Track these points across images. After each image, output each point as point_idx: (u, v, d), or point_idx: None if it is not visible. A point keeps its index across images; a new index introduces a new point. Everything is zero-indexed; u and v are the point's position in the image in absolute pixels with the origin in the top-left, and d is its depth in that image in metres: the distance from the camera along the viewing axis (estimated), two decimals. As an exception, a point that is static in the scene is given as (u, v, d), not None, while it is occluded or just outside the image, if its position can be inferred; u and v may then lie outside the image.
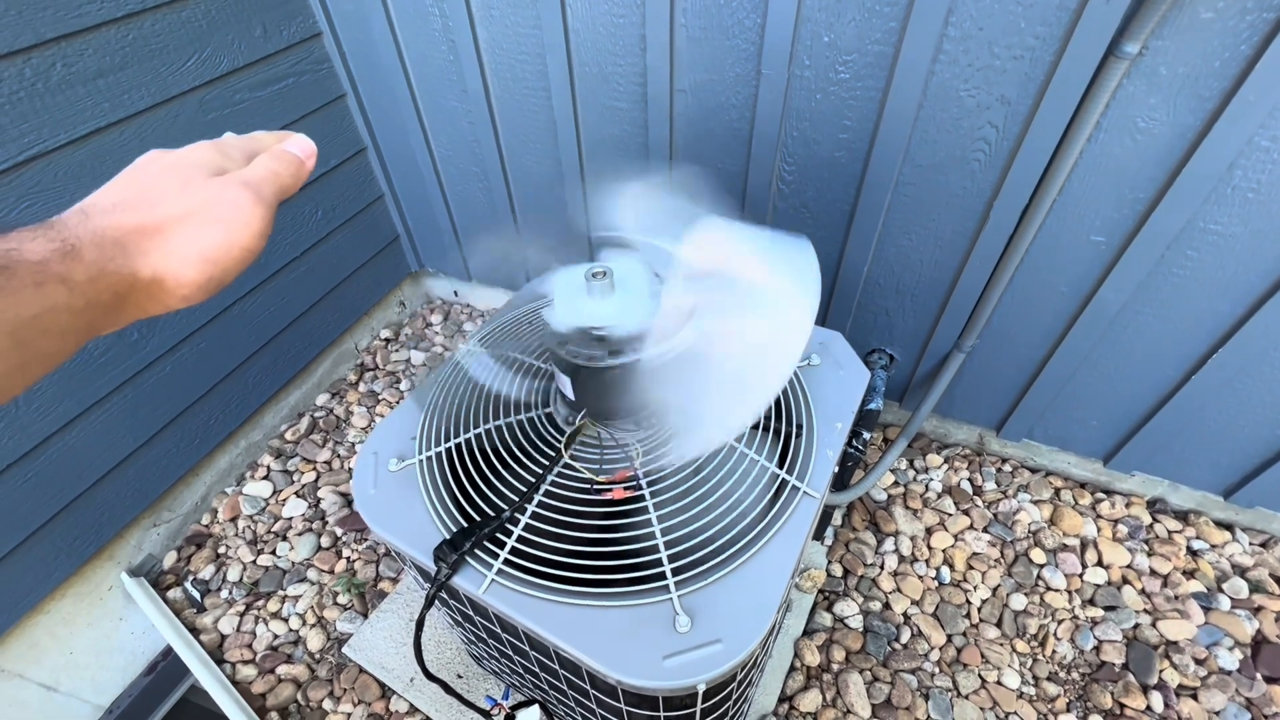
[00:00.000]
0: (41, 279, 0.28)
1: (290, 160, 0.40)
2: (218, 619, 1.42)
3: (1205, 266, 1.06)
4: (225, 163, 0.37)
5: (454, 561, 0.74)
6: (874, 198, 1.20)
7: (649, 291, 0.73)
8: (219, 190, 0.35)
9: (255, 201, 0.36)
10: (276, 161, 0.39)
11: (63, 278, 0.29)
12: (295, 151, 0.41)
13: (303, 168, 0.41)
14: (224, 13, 1.29)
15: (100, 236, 0.31)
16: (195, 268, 0.34)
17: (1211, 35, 0.85)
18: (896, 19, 0.99)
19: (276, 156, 0.40)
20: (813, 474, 0.82)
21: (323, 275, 1.74)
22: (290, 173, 0.40)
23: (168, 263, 0.33)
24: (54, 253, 0.29)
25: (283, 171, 0.39)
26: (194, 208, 0.34)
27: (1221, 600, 1.30)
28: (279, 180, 0.39)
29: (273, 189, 0.38)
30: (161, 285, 0.33)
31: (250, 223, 0.35)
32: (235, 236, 0.35)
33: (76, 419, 1.25)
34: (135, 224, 0.32)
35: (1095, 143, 1.00)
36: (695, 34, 1.14)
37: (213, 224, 0.34)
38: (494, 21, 1.31)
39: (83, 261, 0.30)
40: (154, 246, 0.33)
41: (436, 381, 0.96)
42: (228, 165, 0.37)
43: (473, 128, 1.54)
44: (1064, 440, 1.47)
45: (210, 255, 0.34)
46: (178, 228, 0.33)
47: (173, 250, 0.33)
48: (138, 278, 0.32)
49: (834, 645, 1.30)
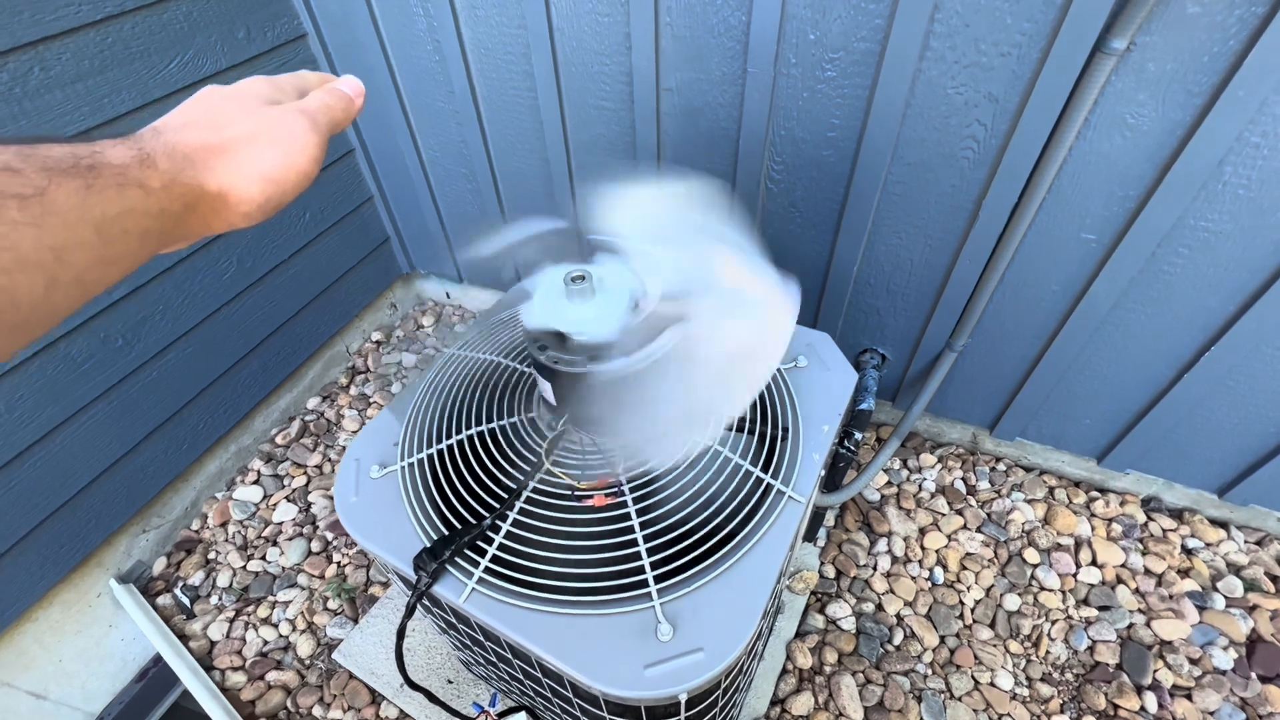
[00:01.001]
0: (123, 182, 0.30)
1: (342, 96, 0.43)
2: (207, 625, 1.41)
3: (1196, 264, 1.05)
4: (279, 95, 0.40)
5: (434, 570, 0.73)
6: (863, 196, 1.19)
7: (628, 300, 0.72)
8: (279, 116, 0.38)
9: (311, 128, 0.39)
10: (330, 96, 0.42)
11: (140, 183, 0.31)
12: (346, 89, 0.44)
13: (353, 104, 0.44)
14: (206, 15, 1.28)
15: (172, 149, 0.33)
16: (257, 186, 0.36)
17: (1199, 30, 0.84)
18: (882, 16, 0.98)
19: (330, 92, 0.43)
20: (798, 478, 0.81)
21: (312, 278, 1.73)
22: (342, 107, 0.43)
23: (233, 179, 0.35)
24: (133, 159, 0.31)
25: (335, 105, 0.42)
26: (256, 131, 0.37)
27: (1216, 599, 1.29)
28: (332, 113, 0.42)
29: (326, 119, 0.41)
30: (225, 200, 0.36)
31: (307, 148, 0.38)
32: (293, 160, 0.38)
33: (60, 426, 1.24)
34: (202, 142, 0.35)
35: (1084, 140, 0.99)
36: (680, 32, 1.13)
37: (273, 146, 0.37)
38: (479, 21, 1.30)
39: (157, 170, 0.32)
40: (220, 163, 0.35)
41: (420, 386, 0.95)
42: (281, 99, 0.40)
43: (460, 128, 1.53)
44: (1058, 439, 1.46)
45: (271, 175, 0.37)
46: (241, 148, 0.36)
47: (237, 168, 0.35)
48: (205, 190, 0.34)
49: (826, 647, 1.29)
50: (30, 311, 0.27)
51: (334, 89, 0.43)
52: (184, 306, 1.41)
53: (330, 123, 0.41)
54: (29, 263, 0.26)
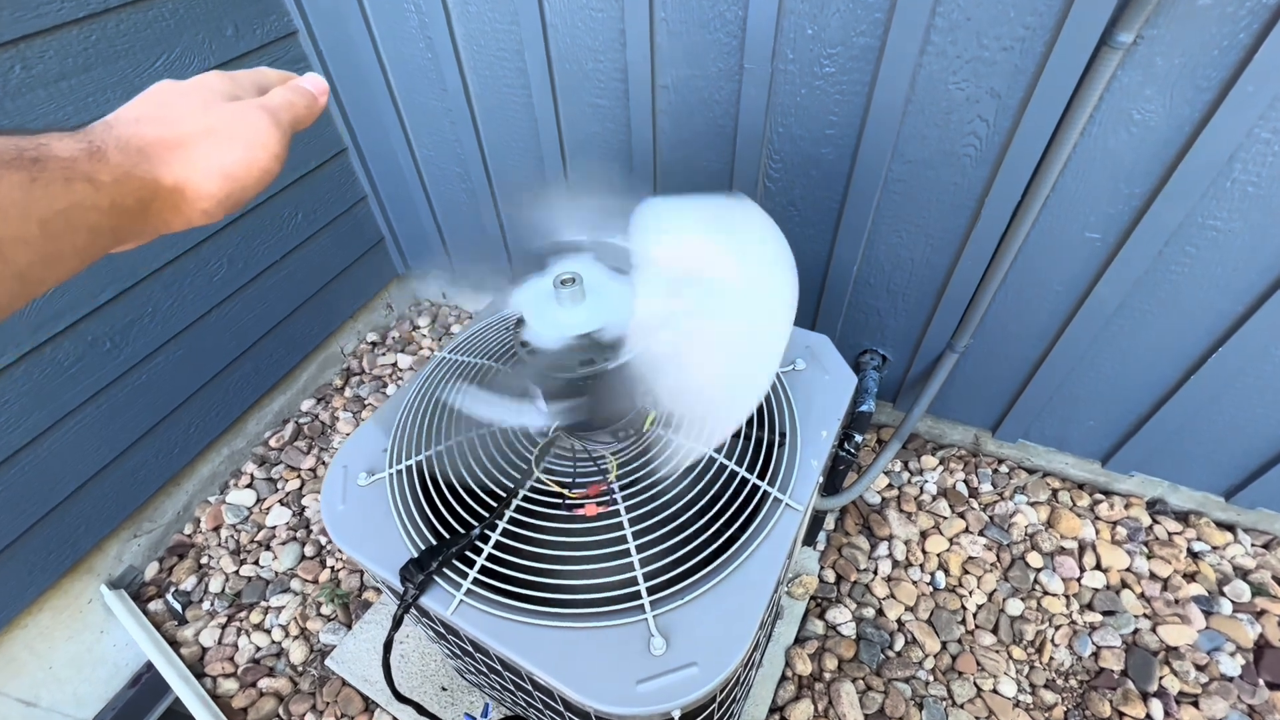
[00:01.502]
0: (70, 175, 0.29)
1: (305, 93, 0.42)
2: (199, 631, 1.40)
3: (1204, 263, 1.02)
4: (237, 91, 0.39)
5: (421, 582, 0.71)
6: (863, 195, 1.17)
7: (621, 287, 0.70)
8: (239, 112, 0.37)
9: (273, 125, 0.38)
10: (292, 93, 0.41)
11: (89, 176, 0.30)
12: (309, 87, 0.43)
13: (316, 103, 0.43)
14: (193, 12, 1.25)
15: (125, 143, 0.32)
16: (215, 182, 0.35)
17: (1209, 23, 0.82)
18: (882, 10, 0.96)
19: (292, 89, 0.42)
20: (796, 485, 0.79)
21: (306, 279, 1.71)
22: (305, 104, 0.42)
23: (189, 174, 0.34)
24: (81, 152, 0.30)
25: (298, 103, 0.41)
26: (214, 126, 0.36)
27: (1223, 604, 1.27)
28: (294, 110, 0.40)
29: (289, 116, 0.40)
30: (183, 195, 0.34)
31: (268, 144, 0.37)
32: (254, 156, 0.36)
33: (48, 431, 1.22)
34: (158, 136, 0.34)
35: (1089, 136, 0.96)
36: (676, 28, 1.11)
37: (232, 142, 0.36)
38: (471, 18, 1.28)
39: (108, 164, 0.31)
40: (176, 158, 0.34)
41: (410, 390, 0.93)
42: (239, 94, 0.39)
43: (454, 127, 1.51)
44: (1061, 441, 1.44)
45: (230, 171, 0.36)
46: (199, 143, 0.35)
47: (194, 162, 0.34)
48: (160, 185, 0.33)
49: (826, 653, 1.27)
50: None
51: (297, 86, 0.42)
52: (173, 309, 1.39)
53: (293, 120, 0.40)
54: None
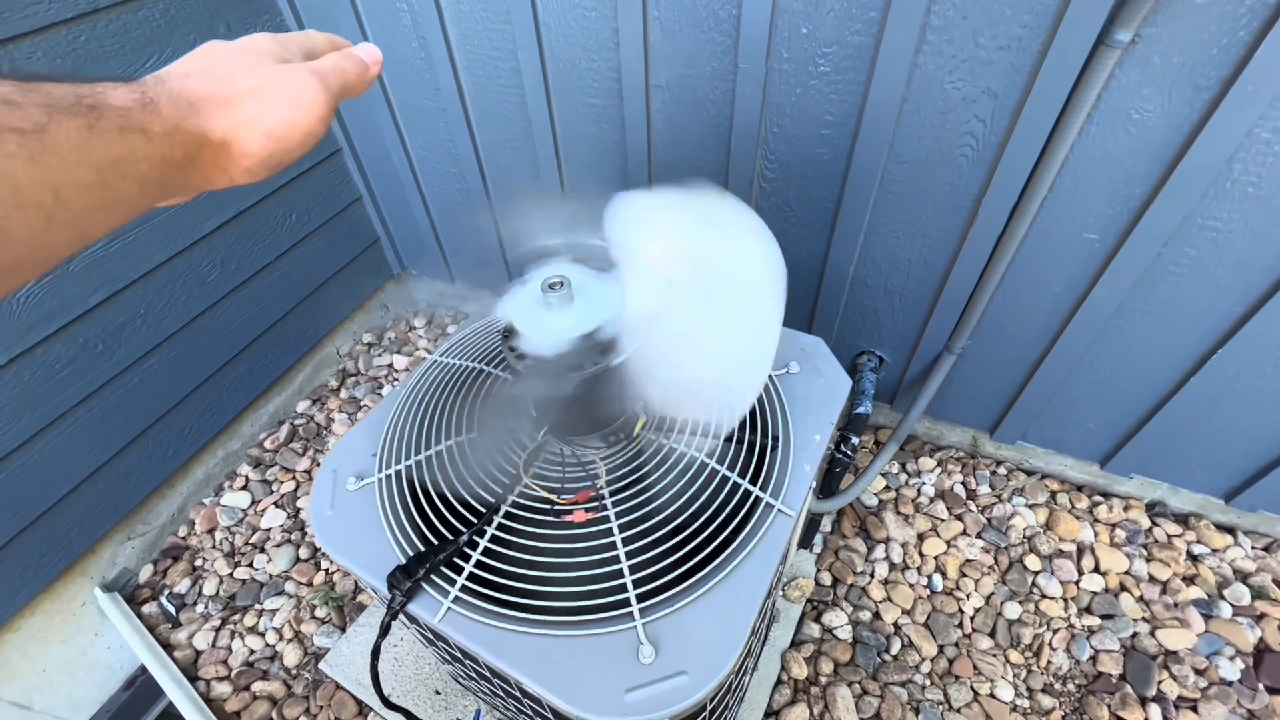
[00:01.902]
0: (125, 125, 0.29)
1: (357, 61, 0.42)
2: (193, 634, 1.39)
3: (1204, 264, 1.01)
4: (285, 54, 0.39)
5: (408, 589, 0.71)
6: (859, 195, 1.16)
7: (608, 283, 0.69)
8: (288, 74, 0.37)
9: (321, 88, 0.38)
10: (345, 60, 0.41)
11: (142, 127, 0.30)
12: (362, 56, 0.43)
13: (367, 71, 0.43)
14: (184, 11, 1.25)
15: (176, 96, 0.33)
16: (260, 141, 0.35)
17: (1208, 21, 0.80)
18: (877, 8, 0.95)
19: (345, 56, 0.42)
20: (788, 490, 0.78)
21: (300, 280, 1.70)
22: (356, 72, 0.41)
23: (236, 131, 0.35)
24: (135, 102, 0.30)
25: (349, 69, 0.41)
26: (262, 86, 0.36)
27: (1223, 607, 1.26)
28: (345, 76, 0.40)
29: (338, 82, 0.40)
30: (228, 152, 0.35)
31: (314, 106, 0.37)
32: (299, 117, 0.37)
33: (39, 433, 1.22)
34: (207, 92, 0.34)
35: (1087, 136, 0.95)
36: (669, 27, 1.10)
37: (279, 102, 0.36)
38: (464, 17, 1.27)
39: (160, 115, 0.31)
40: (224, 114, 0.34)
41: (401, 394, 0.92)
42: (287, 57, 0.39)
43: (448, 127, 1.50)
44: (1060, 442, 1.43)
45: (275, 131, 0.36)
46: (247, 101, 0.35)
47: (241, 120, 0.35)
48: (208, 139, 0.34)
49: (822, 657, 1.26)
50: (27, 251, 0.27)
51: (350, 54, 0.42)
52: (165, 311, 1.38)
53: (342, 86, 0.40)
54: (27, 201, 0.26)
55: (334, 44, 0.43)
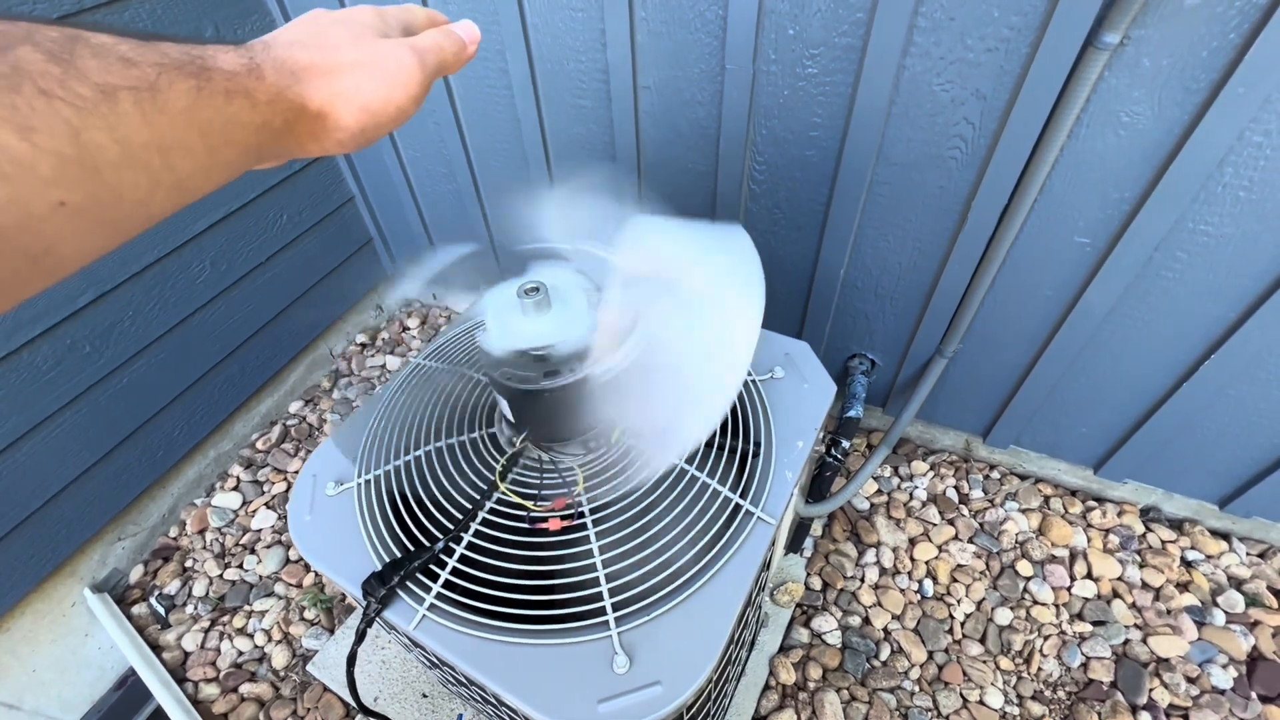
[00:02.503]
0: (231, 89, 0.30)
1: (456, 39, 0.42)
2: (181, 635, 1.39)
3: (1196, 269, 1.00)
4: (386, 28, 0.39)
5: (383, 596, 0.70)
6: (848, 197, 1.15)
7: (587, 304, 0.69)
8: (388, 49, 0.37)
9: (418, 65, 0.38)
10: (444, 37, 0.41)
11: (248, 92, 0.30)
12: (461, 34, 0.43)
13: (465, 50, 0.43)
14: (171, 12, 1.24)
15: (280, 64, 0.33)
16: (355, 115, 0.36)
17: (1198, 23, 0.79)
18: (864, 10, 0.94)
19: (445, 33, 0.41)
20: (769, 497, 0.77)
21: (292, 280, 1.70)
22: (454, 50, 0.41)
23: (334, 102, 0.35)
24: (243, 68, 0.31)
25: (447, 47, 0.41)
26: (362, 59, 0.36)
27: (1216, 615, 1.25)
28: (442, 54, 0.40)
29: (435, 60, 0.39)
30: (323, 122, 0.35)
31: (409, 83, 0.37)
32: (394, 94, 0.37)
33: (26, 435, 1.21)
34: (310, 61, 0.34)
35: (1076, 139, 0.94)
36: (656, 28, 1.09)
37: (377, 77, 0.36)
38: (451, 17, 1.26)
39: (264, 81, 0.31)
40: (324, 84, 0.34)
41: (383, 397, 0.91)
42: (388, 32, 0.39)
43: (438, 128, 1.49)
44: (1053, 447, 1.41)
45: (370, 106, 0.36)
46: (347, 73, 0.35)
47: (339, 92, 0.35)
48: (306, 108, 0.34)
49: (810, 662, 1.25)
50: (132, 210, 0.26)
51: (449, 31, 0.42)
52: (155, 311, 1.38)
53: (439, 64, 0.40)
54: (137, 160, 0.26)
55: (433, 19, 0.43)
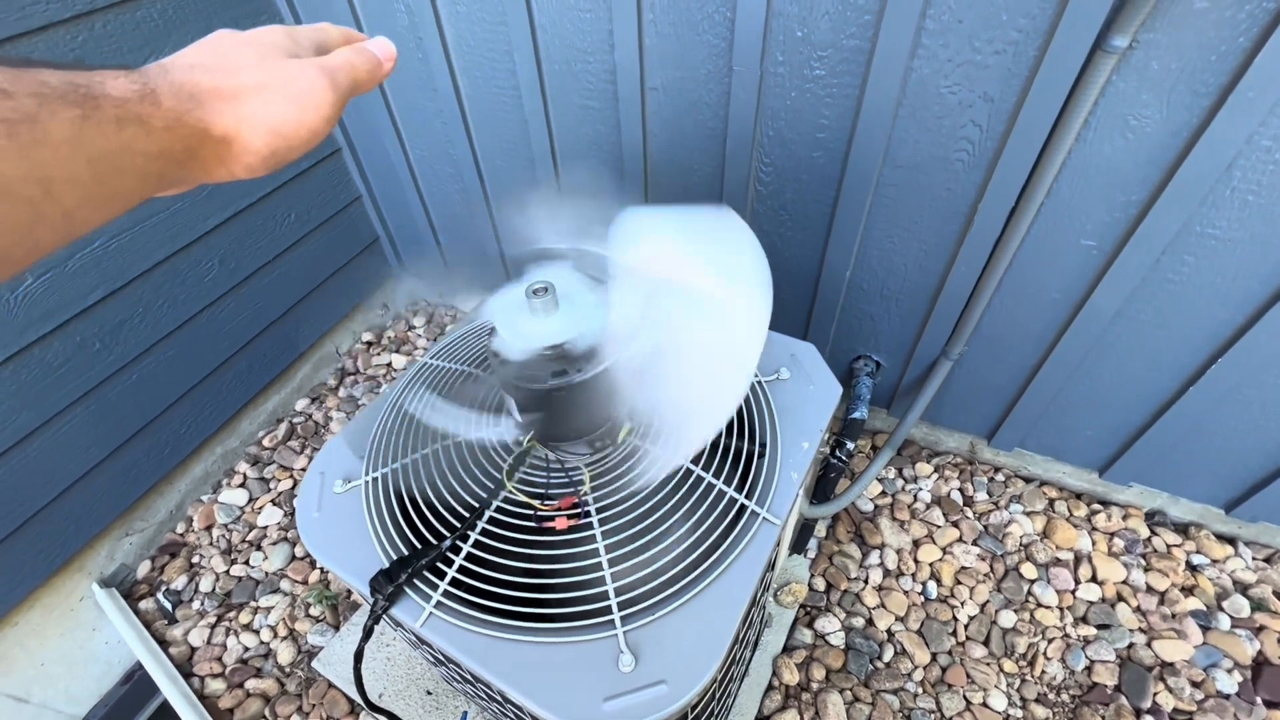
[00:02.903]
0: (122, 116, 0.28)
1: (370, 57, 0.41)
2: (188, 631, 1.40)
3: (1203, 272, 1.00)
4: (296, 49, 0.38)
5: (390, 593, 0.71)
6: (854, 199, 1.15)
7: (596, 298, 0.69)
8: (296, 69, 0.36)
9: (329, 86, 0.37)
10: (356, 55, 0.40)
11: (141, 119, 0.29)
12: (375, 51, 0.41)
13: (380, 68, 0.41)
14: (182, 12, 1.25)
15: (179, 88, 0.32)
16: (263, 138, 0.34)
17: (1207, 27, 0.79)
18: (872, 12, 0.94)
19: (358, 51, 0.40)
20: (774, 498, 0.77)
21: (300, 278, 1.71)
22: (368, 69, 0.40)
23: (239, 126, 0.34)
24: (135, 94, 0.29)
25: (360, 65, 0.40)
26: (269, 81, 0.35)
27: (1221, 619, 1.24)
28: (355, 73, 0.39)
29: (348, 79, 0.38)
30: (230, 147, 0.34)
31: (320, 105, 0.36)
32: (304, 116, 0.36)
33: (36, 431, 1.23)
34: (212, 85, 0.33)
35: (1084, 142, 0.94)
36: (664, 29, 1.09)
37: (285, 99, 0.35)
38: (460, 18, 1.27)
39: (160, 107, 0.30)
40: (228, 108, 0.33)
41: (390, 396, 0.92)
42: (299, 52, 0.38)
43: (445, 128, 1.50)
44: (1058, 450, 1.41)
45: (278, 129, 0.35)
46: (252, 96, 0.34)
47: (244, 115, 0.34)
48: (209, 134, 0.33)
49: (814, 663, 1.25)
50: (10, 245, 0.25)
51: (362, 49, 0.41)
52: (164, 309, 1.39)
53: (352, 83, 0.39)
54: (13, 194, 0.25)
55: (348, 37, 0.42)
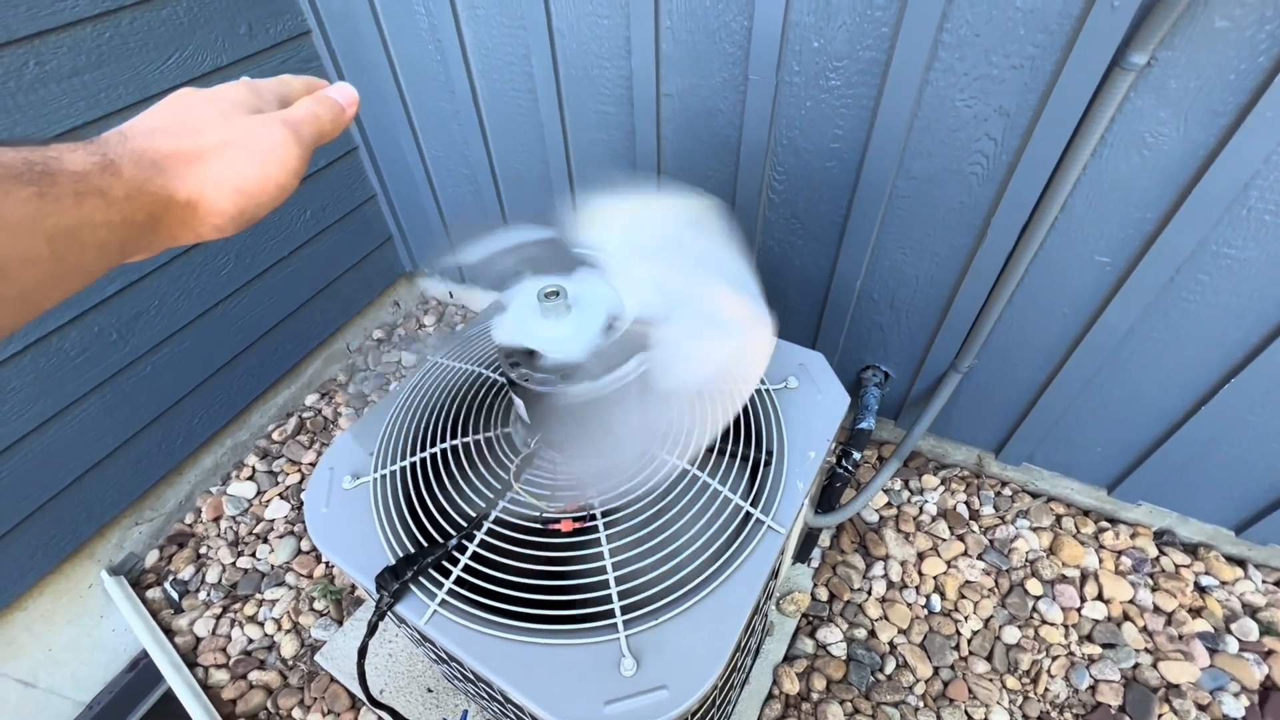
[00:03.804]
0: (81, 190, 0.28)
1: (332, 105, 0.40)
2: (194, 621, 1.41)
3: (1217, 291, 0.99)
4: (259, 103, 0.38)
5: (395, 590, 0.71)
6: (867, 209, 1.15)
7: (603, 320, 0.69)
8: (258, 126, 0.36)
9: (293, 140, 0.36)
10: (319, 105, 0.40)
11: (101, 191, 0.29)
12: (337, 98, 0.41)
13: (343, 114, 0.41)
14: (207, 11, 1.27)
15: (139, 156, 0.31)
16: (229, 198, 0.34)
17: (1226, 46, 0.79)
18: (889, 24, 0.94)
19: (319, 100, 0.40)
20: (780, 506, 0.77)
21: (313, 275, 1.73)
22: (331, 117, 0.40)
23: (203, 188, 0.33)
24: (94, 166, 0.29)
25: (324, 115, 0.40)
26: (232, 139, 0.34)
27: (1229, 642, 1.23)
28: (319, 123, 0.39)
29: (312, 131, 0.38)
30: (195, 211, 0.34)
31: (286, 160, 0.36)
32: (270, 171, 0.35)
33: (52, 419, 1.24)
34: (173, 149, 0.33)
35: (1100, 158, 0.94)
36: (681, 37, 1.10)
37: (249, 157, 0.35)
38: (479, 21, 1.28)
39: (121, 178, 0.30)
40: (191, 172, 0.33)
41: (400, 394, 0.93)
42: (262, 106, 0.38)
43: (461, 129, 1.51)
44: (1067, 466, 1.40)
45: (244, 187, 0.34)
46: (215, 157, 0.34)
47: (208, 177, 0.33)
48: (173, 200, 0.32)
49: (815, 673, 1.25)
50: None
51: (324, 97, 0.41)
52: (180, 302, 1.41)
53: (316, 134, 0.39)
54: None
55: (310, 86, 0.42)
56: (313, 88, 0.42)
